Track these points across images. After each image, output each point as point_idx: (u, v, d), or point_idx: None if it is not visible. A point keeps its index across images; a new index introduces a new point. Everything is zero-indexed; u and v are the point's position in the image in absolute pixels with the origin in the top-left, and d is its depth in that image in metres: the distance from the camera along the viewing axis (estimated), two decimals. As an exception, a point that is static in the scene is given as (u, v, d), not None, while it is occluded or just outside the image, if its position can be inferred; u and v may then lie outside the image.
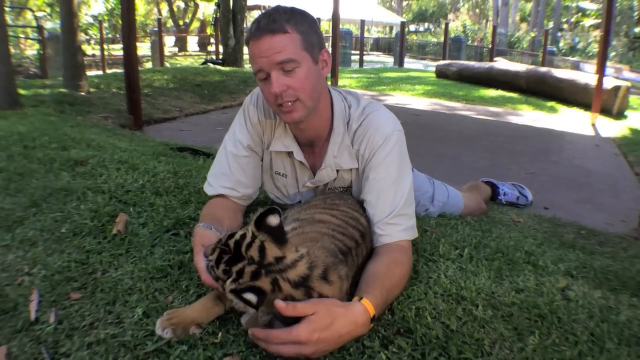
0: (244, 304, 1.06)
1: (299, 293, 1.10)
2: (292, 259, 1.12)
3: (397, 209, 1.49)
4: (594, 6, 30.47)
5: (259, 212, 1.14)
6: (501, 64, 10.91)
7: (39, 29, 13.01)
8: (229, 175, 1.65)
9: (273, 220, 1.13)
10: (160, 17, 23.30)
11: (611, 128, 6.55)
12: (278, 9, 1.42)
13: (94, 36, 21.02)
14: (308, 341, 1.05)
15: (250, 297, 1.04)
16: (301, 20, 1.43)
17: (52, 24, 17.82)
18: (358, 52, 17.75)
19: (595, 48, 22.08)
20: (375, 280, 1.28)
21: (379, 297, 1.21)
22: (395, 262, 1.39)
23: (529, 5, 35.59)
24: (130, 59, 5.29)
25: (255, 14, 31.95)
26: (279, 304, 1.05)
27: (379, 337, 1.19)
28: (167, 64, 16.19)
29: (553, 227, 2.49)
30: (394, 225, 1.49)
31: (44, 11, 20.98)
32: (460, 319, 1.28)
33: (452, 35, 21.73)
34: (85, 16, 23.21)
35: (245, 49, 14.84)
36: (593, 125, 6.78)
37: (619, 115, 7.47)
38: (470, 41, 25.32)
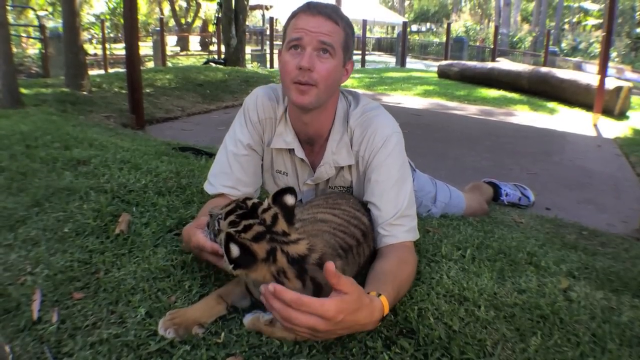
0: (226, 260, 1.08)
1: (292, 271, 1.12)
2: (296, 237, 1.17)
3: (401, 210, 1.50)
4: (596, 6, 30.44)
5: (279, 189, 1.21)
6: (503, 64, 10.91)
7: (41, 28, 13.04)
8: (229, 174, 1.65)
9: (289, 199, 1.19)
10: (162, 16, 23.34)
11: (613, 129, 6.54)
12: (334, 5, 1.52)
13: (95, 35, 21.04)
14: (332, 319, 1.03)
15: (234, 250, 1.06)
16: (350, 25, 1.53)
17: (54, 23, 17.82)
18: (360, 52, 17.74)
19: (597, 48, 22.06)
20: (387, 277, 1.29)
21: (392, 295, 1.22)
22: (403, 261, 1.40)
23: (531, 5, 35.56)
24: (132, 58, 5.30)
25: (257, 13, 32.00)
26: (330, 265, 1.02)
27: (381, 337, 1.19)
28: (169, 64, 16.21)
29: (555, 227, 2.49)
30: (398, 226, 1.49)
31: (46, 10, 21.00)
32: (463, 320, 1.28)
33: (454, 35, 21.74)
34: (87, 15, 23.26)
35: (247, 49, 14.77)
36: (595, 125, 6.77)
37: (621, 115, 7.47)
38: (472, 41, 25.29)
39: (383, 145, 1.56)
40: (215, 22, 15.29)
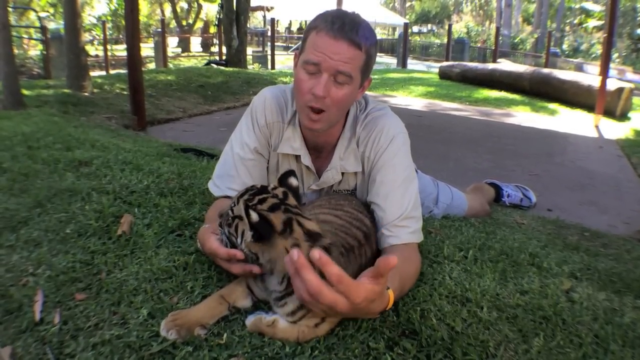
0: (248, 234, 1.13)
1: (306, 246, 1.12)
2: (309, 215, 1.20)
3: (407, 212, 1.49)
4: (597, 7, 30.42)
5: (282, 173, 1.27)
6: (504, 65, 10.92)
7: (42, 29, 13.06)
8: (235, 177, 1.64)
9: (293, 181, 1.25)
10: (163, 17, 23.36)
11: (614, 130, 6.54)
12: (362, 21, 1.44)
13: (97, 37, 21.07)
14: (357, 304, 1.01)
15: (254, 216, 1.09)
16: (374, 44, 1.46)
17: (55, 25, 17.85)
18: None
19: (598, 49, 22.04)
20: (393, 273, 1.28)
21: (397, 291, 1.22)
22: (407, 259, 1.40)
23: (533, 7, 35.55)
24: (133, 59, 5.30)
25: (259, 15, 32.03)
26: (393, 259, 1.00)
27: (384, 338, 1.19)
28: (171, 65, 16.21)
29: (557, 228, 2.49)
30: (403, 227, 1.48)
31: (47, 12, 21.04)
32: (465, 321, 1.28)
33: (456, 36, 21.74)
34: (88, 17, 23.31)
35: (249, 50, 14.71)
36: (596, 126, 6.76)
37: (623, 116, 7.47)
38: (473, 42, 25.28)
39: (389, 146, 1.55)
40: (216, 23, 15.30)
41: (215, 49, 20.33)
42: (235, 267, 1.24)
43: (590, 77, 8.42)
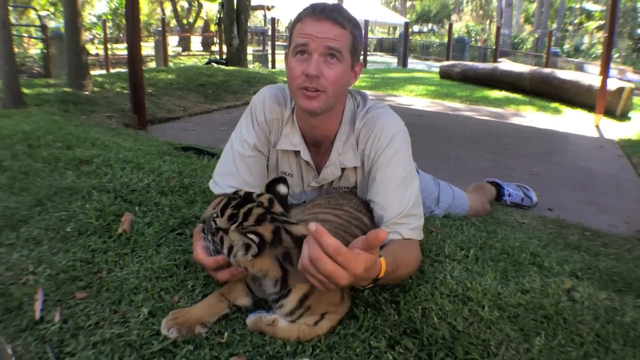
0: (240, 253, 1.09)
1: (296, 252, 1.10)
2: (294, 220, 1.18)
3: (407, 210, 1.48)
4: (598, 7, 30.41)
5: (271, 179, 1.25)
6: (505, 64, 10.90)
7: (43, 28, 13.04)
8: (235, 175, 1.64)
9: (282, 189, 1.23)
10: (163, 16, 23.35)
11: (615, 129, 6.53)
12: (340, 7, 1.50)
13: (97, 35, 21.06)
14: (358, 275, 1.02)
15: (253, 237, 1.07)
16: (357, 26, 1.51)
17: (55, 23, 17.84)
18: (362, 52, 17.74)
19: (599, 49, 22.03)
20: (387, 250, 1.28)
21: (390, 265, 1.19)
22: (406, 247, 1.41)
23: (533, 6, 35.54)
24: (134, 58, 5.29)
25: (259, 14, 32.02)
26: (382, 233, 1.01)
27: (385, 337, 1.19)
28: (171, 64, 16.20)
29: (557, 228, 2.49)
30: (403, 225, 1.47)
31: (48, 10, 21.02)
32: (467, 320, 1.28)
33: (456, 36, 21.74)
34: (89, 15, 23.30)
35: (249, 49, 14.70)
36: (597, 126, 6.76)
37: (623, 116, 7.46)
38: (474, 42, 25.29)
39: (389, 144, 1.55)
40: (217, 22, 15.29)
41: (215, 48, 20.33)
42: (221, 275, 1.24)
43: (590, 76, 8.41)
